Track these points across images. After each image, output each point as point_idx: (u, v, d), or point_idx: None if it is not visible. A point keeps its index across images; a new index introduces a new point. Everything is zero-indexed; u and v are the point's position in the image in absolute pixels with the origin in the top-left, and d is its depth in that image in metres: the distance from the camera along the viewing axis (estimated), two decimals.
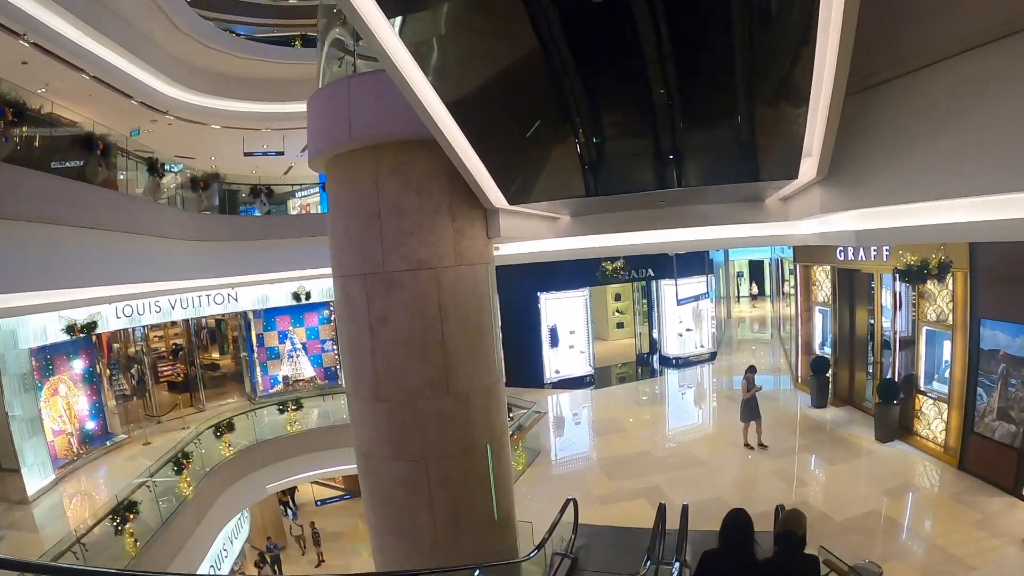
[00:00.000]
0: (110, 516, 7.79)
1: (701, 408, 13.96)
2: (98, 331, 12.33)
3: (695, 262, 16.83)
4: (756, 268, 31.68)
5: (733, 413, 13.00)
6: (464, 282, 4.66)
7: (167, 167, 12.30)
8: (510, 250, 7.20)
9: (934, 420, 9.13)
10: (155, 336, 19.04)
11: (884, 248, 9.73)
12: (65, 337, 11.37)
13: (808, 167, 3.73)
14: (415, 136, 4.31)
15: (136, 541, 7.84)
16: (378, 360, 4.62)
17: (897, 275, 7.86)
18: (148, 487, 8.86)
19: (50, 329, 11.38)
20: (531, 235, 5.76)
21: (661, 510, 6.02)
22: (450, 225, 4.59)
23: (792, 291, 15.93)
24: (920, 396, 9.48)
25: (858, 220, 4.18)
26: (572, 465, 10.95)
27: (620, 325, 21.46)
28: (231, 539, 12.47)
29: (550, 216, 6.24)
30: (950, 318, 8.65)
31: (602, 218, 6.25)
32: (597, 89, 3.28)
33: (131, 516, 8.01)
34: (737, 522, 3.40)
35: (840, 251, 11.13)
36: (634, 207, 6.10)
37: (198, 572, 9.64)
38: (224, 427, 11.66)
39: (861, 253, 10.49)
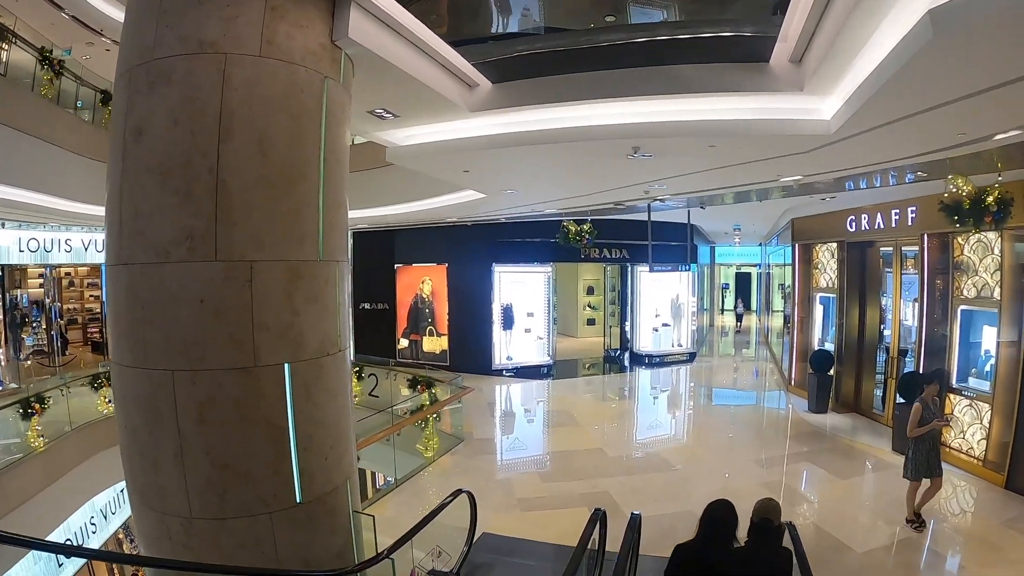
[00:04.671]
0: None
1: (675, 415, 11.96)
2: None
3: (677, 250, 14.69)
4: (743, 282, 29.45)
5: (712, 419, 11.22)
6: (272, 85, 2.83)
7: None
8: (415, 140, 5.38)
9: (971, 426, 7.19)
10: (91, 296, 18.11)
11: (909, 210, 7.94)
12: None
13: None
14: None
15: None
16: (125, 198, 2.79)
17: (944, 213, 6.01)
18: None
19: None
20: (428, 81, 3.96)
21: (596, 518, 4.10)
22: None
23: (788, 295, 14.17)
24: (952, 396, 7.46)
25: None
26: (498, 458, 9.01)
27: (591, 322, 19.63)
28: (104, 513, 10.45)
29: (460, 77, 4.46)
30: (995, 292, 6.79)
31: (537, 84, 4.48)
32: None
33: None
34: (722, 513, 3.06)
35: (851, 221, 9.36)
36: (580, 64, 4.38)
37: (47, 539, 8.11)
38: (104, 379, 9.72)
39: (879, 220, 8.69)
